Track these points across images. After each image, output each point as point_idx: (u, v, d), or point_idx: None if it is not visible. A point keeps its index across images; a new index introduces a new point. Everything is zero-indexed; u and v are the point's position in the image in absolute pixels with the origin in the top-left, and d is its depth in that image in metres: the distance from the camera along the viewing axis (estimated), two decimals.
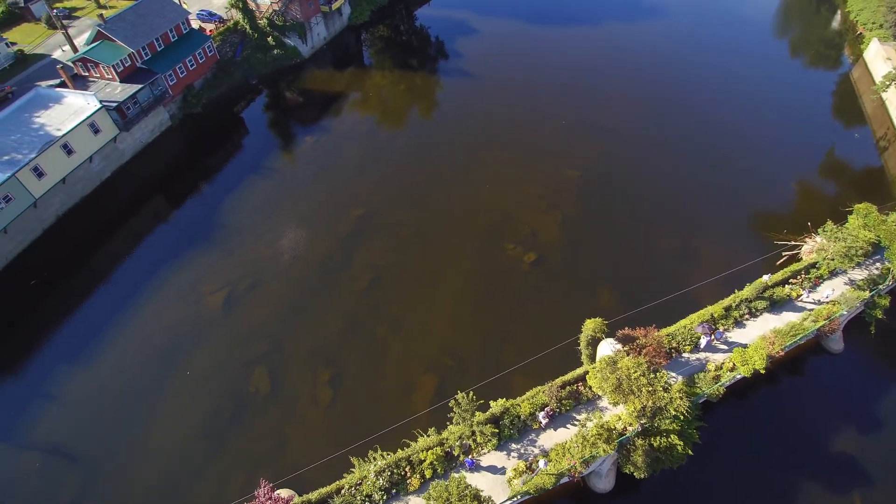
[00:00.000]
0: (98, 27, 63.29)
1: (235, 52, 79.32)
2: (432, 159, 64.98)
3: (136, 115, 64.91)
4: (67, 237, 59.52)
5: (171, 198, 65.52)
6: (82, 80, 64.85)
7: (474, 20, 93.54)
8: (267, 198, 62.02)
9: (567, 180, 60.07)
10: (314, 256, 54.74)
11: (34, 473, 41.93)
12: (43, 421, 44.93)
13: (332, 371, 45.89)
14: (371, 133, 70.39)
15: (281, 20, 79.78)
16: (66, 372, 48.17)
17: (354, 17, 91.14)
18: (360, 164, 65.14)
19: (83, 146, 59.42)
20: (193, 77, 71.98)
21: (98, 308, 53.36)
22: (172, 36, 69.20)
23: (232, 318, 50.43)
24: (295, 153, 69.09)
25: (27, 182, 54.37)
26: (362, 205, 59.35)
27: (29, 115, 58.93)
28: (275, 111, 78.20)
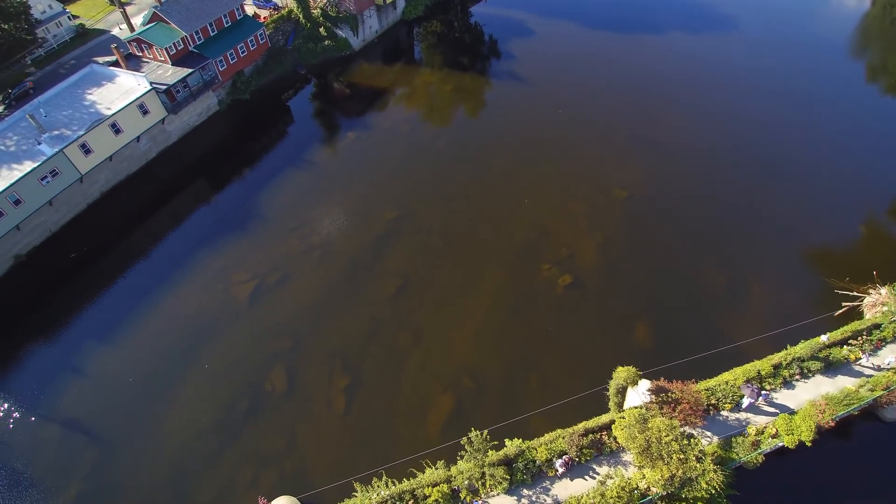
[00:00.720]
0: (154, 8, 64.07)
1: (287, 41, 79.21)
2: (473, 165, 62.99)
3: (185, 98, 65.57)
4: (110, 213, 60.98)
5: (212, 181, 66.26)
6: (136, 61, 65.95)
7: (531, 21, 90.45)
8: (303, 191, 61.65)
9: (613, 200, 56.97)
10: (344, 256, 53.92)
11: (52, 446, 42.89)
12: (67, 394, 45.96)
13: (350, 377, 44.98)
14: (413, 132, 68.95)
15: (334, 11, 79.10)
16: (94, 347, 49.16)
17: (408, 12, 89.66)
18: (399, 164, 63.87)
19: (131, 126, 60.40)
20: (244, 64, 72.22)
21: (131, 286, 54.31)
22: (226, 21, 69.47)
23: (257, 311, 50.26)
24: (336, 147, 68.44)
25: (74, 158, 55.61)
26: (397, 207, 58.09)
27: (82, 92, 60.32)
28: (321, 102, 77.87)
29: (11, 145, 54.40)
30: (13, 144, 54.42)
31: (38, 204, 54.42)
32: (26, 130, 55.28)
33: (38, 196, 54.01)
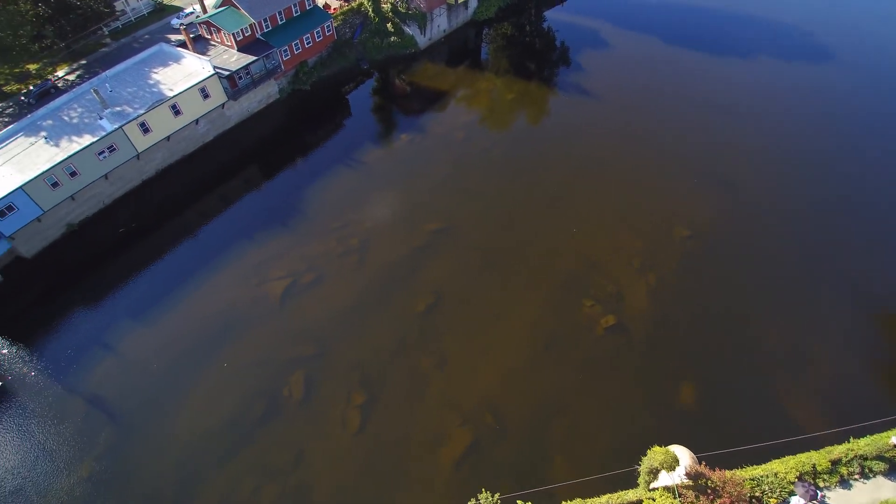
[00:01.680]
0: None
1: (354, 35, 78.37)
2: (525, 181, 59.76)
3: (247, 85, 65.80)
4: (162, 192, 62.10)
5: (264, 169, 66.42)
6: (203, 43, 66.70)
7: (607, 31, 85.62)
8: (349, 190, 60.45)
9: (673, 239, 52.35)
10: (380, 264, 52.23)
11: (74, 419, 43.59)
12: (95, 368, 46.70)
13: (367, 394, 43.25)
14: (467, 141, 66.31)
15: (404, 7, 77.45)
16: (127, 326, 49.86)
17: (480, 13, 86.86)
18: (448, 173, 61.51)
19: (191, 108, 61.06)
20: (308, 54, 71.85)
21: (171, 268, 54.92)
22: (295, 11, 69.14)
23: (287, 311, 49.44)
24: (387, 149, 66.84)
25: (133, 135, 56.66)
26: (440, 219, 55.82)
27: (148, 70, 61.45)
28: (380, 98, 76.69)
29: (75, 117, 56.00)
30: (76, 116, 55.99)
31: (94, 177, 55.83)
32: (90, 104, 56.79)
33: (95, 169, 55.38)
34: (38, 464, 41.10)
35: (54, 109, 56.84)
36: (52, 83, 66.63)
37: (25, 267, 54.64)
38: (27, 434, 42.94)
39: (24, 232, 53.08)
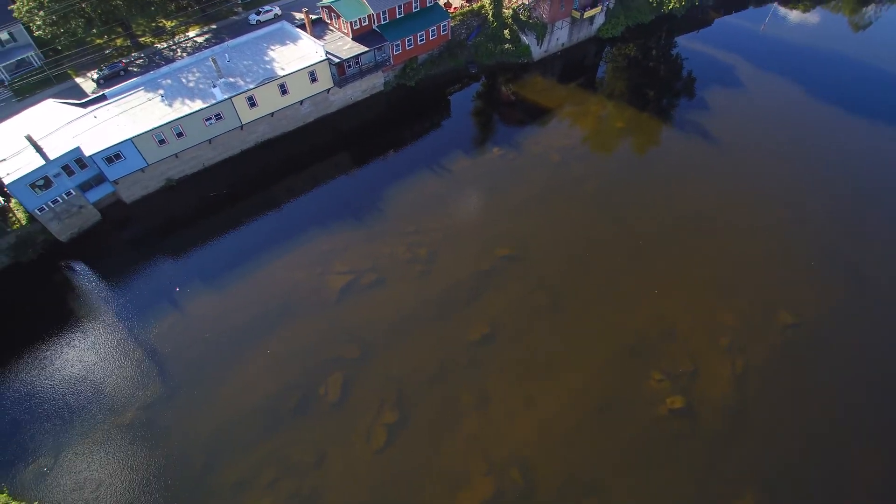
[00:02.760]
0: None
1: (469, 36, 76.65)
2: (614, 222, 55.14)
3: (354, 74, 66.35)
4: (258, 163, 64.20)
5: (355, 157, 66.77)
6: (322, 27, 68.01)
7: (743, 70, 77.31)
8: (429, 195, 59.07)
9: (774, 323, 45.72)
10: (442, 280, 50.43)
11: (130, 365, 46.10)
12: (160, 322, 49.12)
13: (399, 413, 41.82)
14: (562, 165, 62.44)
15: (525, 15, 74.47)
16: (197, 287, 52.00)
17: (605, 30, 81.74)
18: (534, 197, 58.15)
19: (298, 90, 62.51)
20: (420, 51, 71.16)
21: (248, 239, 56.58)
22: (415, 6, 68.49)
23: (341, 308, 49.17)
24: (477, 160, 64.45)
25: (240, 107, 58.91)
26: (513, 245, 52.92)
27: (266, 46, 63.59)
28: (483, 103, 74.54)
29: (192, 81, 59.18)
30: (193, 81, 59.13)
31: (198, 140, 58.81)
32: (208, 70, 59.70)
33: (200, 133, 58.28)
34: (90, 398, 43.94)
35: (176, 69, 60.54)
36: (123, 66, 68.28)
37: (123, 211, 58.87)
38: (86, 366, 46.10)
39: (127, 180, 57.10)
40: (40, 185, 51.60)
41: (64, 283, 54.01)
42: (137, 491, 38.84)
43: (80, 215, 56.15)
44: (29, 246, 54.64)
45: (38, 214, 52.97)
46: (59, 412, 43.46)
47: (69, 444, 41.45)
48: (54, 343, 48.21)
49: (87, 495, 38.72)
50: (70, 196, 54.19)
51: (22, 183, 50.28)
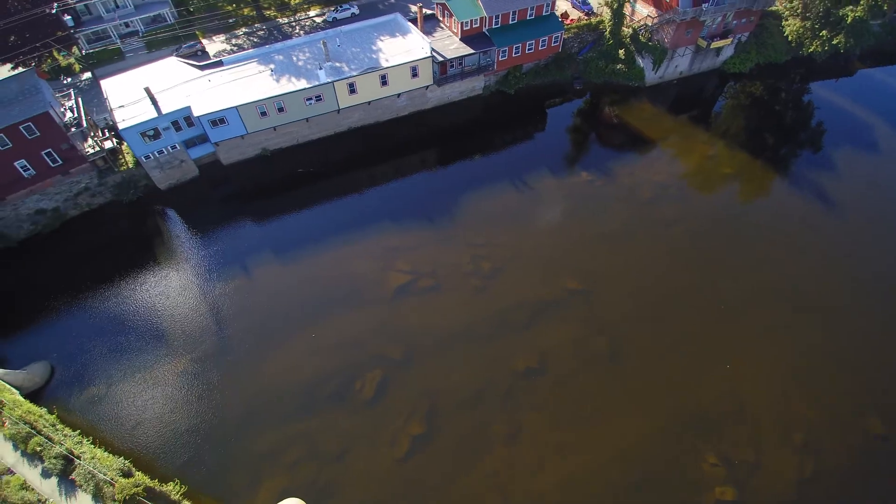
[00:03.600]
0: None
1: (581, 51, 73.54)
2: (698, 277, 50.69)
3: (455, 75, 65.81)
4: (348, 147, 65.69)
5: (440, 157, 66.58)
6: (433, 23, 67.96)
7: (881, 131, 68.22)
8: (505, 210, 57.52)
9: (860, 432, 39.87)
10: (500, 301, 48.91)
11: (197, 313, 49.17)
12: (226, 283, 51.89)
13: (426, 428, 41.18)
14: (653, 203, 58.27)
15: (646, 37, 70.14)
16: (267, 256, 54.29)
17: (732, 64, 75.25)
18: (616, 232, 54.78)
19: (398, 83, 63.07)
20: (526, 60, 69.27)
21: (325, 218, 58.31)
22: (530, 14, 66.54)
23: (394, 306, 49.21)
24: (562, 181, 61.70)
25: (340, 92, 60.38)
26: (582, 279, 50.22)
27: (376, 35, 64.54)
28: (582, 122, 71.45)
29: (301, 60, 61.33)
30: (303, 60, 61.26)
31: (297, 118, 61.06)
32: (317, 52, 61.57)
33: (299, 111, 60.45)
34: (152, 338, 47.41)
35: (289, 47, 63.06)
36: (201, 47, 71.32)
37: (219, 171, 62.54)
38: (156, 308, 49.78)
39: (227, 144, 60.51)
40: (150, 135, 55.84)
41: (154, 227, 58.64)
42: (170, 438, 41.31)
43: (180, 168, 60.33)
44: (131, 187, 59.56)
45: (143, 161, 57.47)
46: (123, 345, 47.30)
47: (124, 378, 44.97)
48: (133, 280, 52.68)
49: (126, 430, 41.74)
50: (174, 150, 58.30)
51: (134, 130, 54.65)
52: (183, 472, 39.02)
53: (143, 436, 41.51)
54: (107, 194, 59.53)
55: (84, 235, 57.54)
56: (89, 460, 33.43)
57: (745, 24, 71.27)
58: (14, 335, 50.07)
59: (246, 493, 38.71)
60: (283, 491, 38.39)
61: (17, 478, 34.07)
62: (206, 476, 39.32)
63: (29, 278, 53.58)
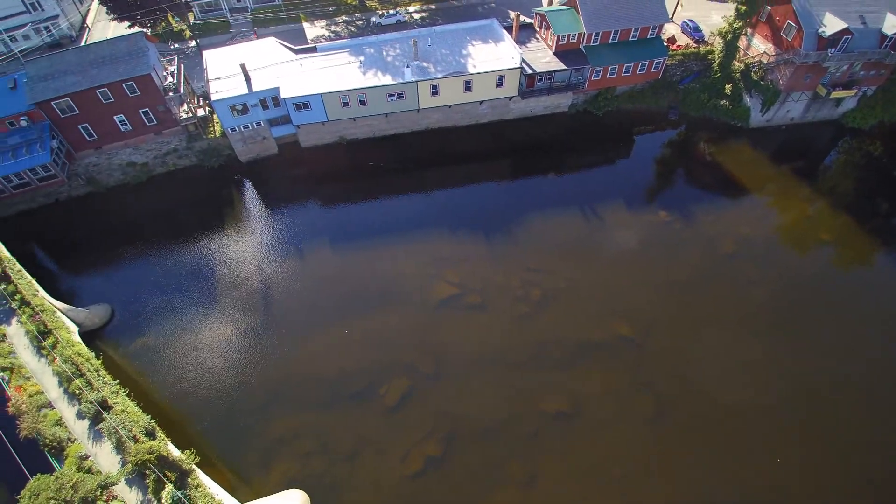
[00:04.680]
0: None
1: (683, 80, 68.69)
2: (768, 353, 45.54)
3: (542, 90, 63.56)
4: (422, 147, 65.35)
5: (512, 170, 64.83)
6: (528, 32, 65.97)
7: None
8: (569, 238, 54.68)
9: None
10: (542, 333, 46.50)
11: (247, 287, 50.74)
12: (282, 262, 53.25)
13: (442, 451, 39.86)
14: (734, 258, 53.05)
15: (758, 75, 64.16)
16: (323, 242, 55.44)
17: (852, 118, 67.25)
18: (684, 283, 50.40)
19: (482, 90, 61.83)
20: (620, 83, 65.64)
21: (386, 214, 58.49)
22: (633, 35, 62.83)
23: (435, 318, 48.23)
24: (637, 217, 57.42)
25: (422, 92, 60.04)
26: (636, 327, 46.65)
27: (469, 39, 63.47)
28: (672, 155, 66.77)
29: (391, 55, 61.48)
30: (392, 56, 61.38)
31: (377, 112, 61.44)
32: (407, 49, 61.45)
33: (380, 106, 60.76)
34: (204, 300, 49.64)
35: (381, 42, 63.44)
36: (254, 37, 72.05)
37: (296, 152, 64.37)
38: (213, 272, 52.21)
39: (308, 128, 62.05)
40: (239, 109, 58.20)
41: (229, 196, 61.68)
42: (198, 403, 42.94)
43: (261, 144, 62.61)
44: (214, 155, 62.54)
45: (229, 133, 60.10)
46: (177, 303, 49.84)
47: (171, 336, 47.28)
48: (199, 242, 55.75)
49: (161, 385, 43.90)
50: (259, 126, 60.53)
51: (225, 103, 57.14)
52: (200, 439, 40.33)
53: (174, 395, 43.39)
54: (192, 158, 62.91)
55: (166, 192, 61.22)
56: (119, 413, 35.00)
57: (873, 77, 63.36)
58: (85, 274, 54.35)
59: (255, 474, 39.29)
60: (290, 479, 38.63)
61: (55, 413, 36.37)
62: (221, 448, 40.38)
63: (108, 224, 57.77)
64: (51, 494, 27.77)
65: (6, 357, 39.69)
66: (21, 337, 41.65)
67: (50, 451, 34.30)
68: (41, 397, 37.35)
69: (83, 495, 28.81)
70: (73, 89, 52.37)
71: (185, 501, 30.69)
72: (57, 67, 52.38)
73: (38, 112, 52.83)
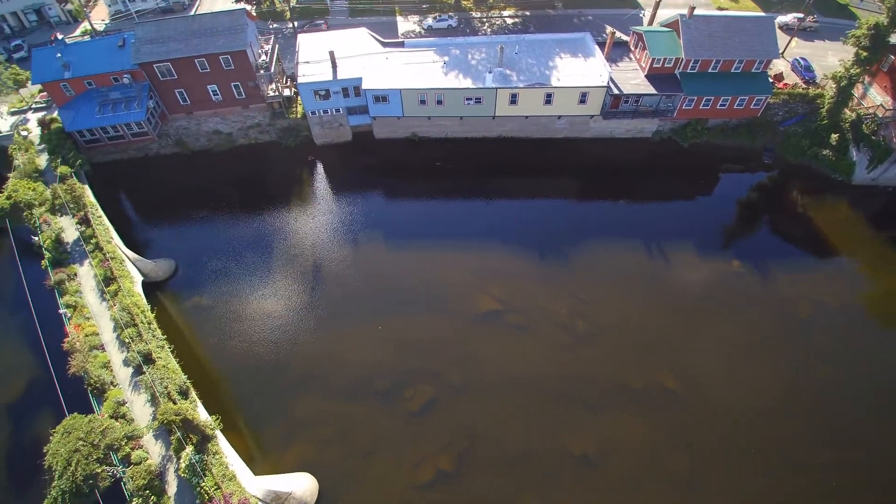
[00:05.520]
0: (681, 18, 57.77)
1: (784, 122, 63.31)
2: (835, 437, 41.05)
3: (626, 112, 60.67)
4: (492, 154, 64.33)
5: (581, 191, 62.30)
6: (622, 50, 63.12)
7: None
8: (625, 271, 51.88)
9: None
10: (580, 368, 44.51)
11: (301, 263, 52.41)
12: (338, 249, 54.34)
13: (455, 468, 39.07)
14: (807, 326, 48.12)
15: (870, 129, 57.86)
16: (377, 234, 56.00)
17: None
18: (745, 343, 46.34)
19: (562, 105, 59.96)
20: (713, 115, 61.51)
21: (442, 217, 58.39)
22: (737, 66, 58.47)
23: (472, 330, 47.38)
24: (707, 261, 53.29)
25: (500, 100, 59.17)
26: (683, 381, 43.51)
27: (557, 51, 61.62)
28: (758, 200, 61.12)
29: (475, 58, 60.87)
30: (476, 59, 60.73)
31: (452, 114, 61.25)
32: (493, 55, 60.53)
33: (456, 108, 60.46)
34: (259, 272, 51.68)
35: (468, 44, 62.98)
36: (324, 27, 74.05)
37: (369, 142, 65.56)
38: (270, 245, 54.37)
39: (383, 120, 62.94)
40: (322, 94, 59.84)
41: (300, 175, 64.05)
42: (235, 370, 44.72)
43: (337, 130, 64.18)
44: (293, 135, 64.76)
45: (310, 116, 62.02)
46: (235, 270, 52.11)
47: (224, 300, 49.61)
48: (266, 214, 58.28)
49: (204, 345, 46.05)
50: (337, 113, 62.06)
51: (309, 87, 58.91)
52: (231, 404, 41.99)
53: (215, 356, 45.57)
54: (272, 134, 65.51)
55: (244, 163, 64.31)
56: (160, 368, 36.87)
57: None
58: (159, 227, 58.28)
59: (274, 449, 40.38)
60: (304, 462, 39.34)
61: (104, 356, 38.94)
62: (248, 417, 41.91)
63: (187, 184, 61.44)
64: (81, 435, 29.60)
65: (73, 295, 42.96)
66: (90, 279, 44.99)
67: (92, 392, 36.73)
68: (95, 339, 40.12)
69: (109, 442, 30.51)
70: (175, 55, 55.81)
71: (199, 466, 31.75)
72: (163, 33, 56.02)
73: (140, 72, 56.77)
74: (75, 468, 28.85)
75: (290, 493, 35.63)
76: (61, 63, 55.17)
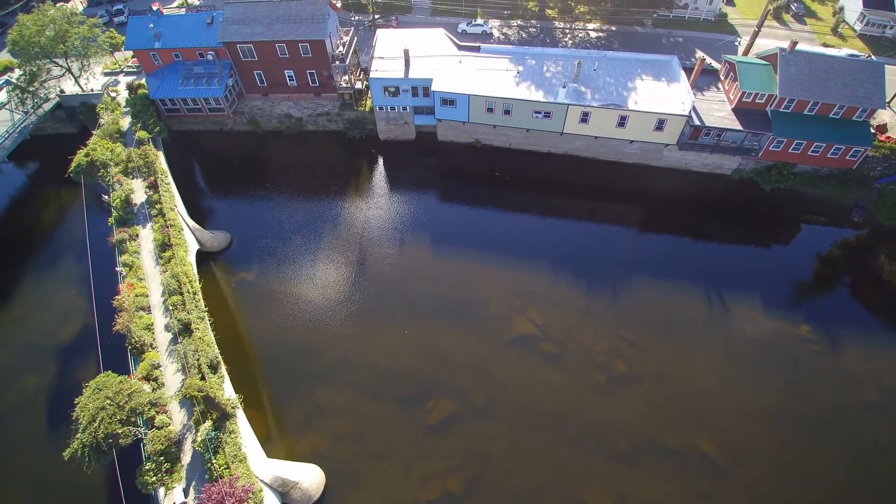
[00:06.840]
0: (780, 52, 53.28)
1: (882, 178, 57.25)
2: None
3: (706, 145, 56.83)
4: (554, 170, 62.20)
5: (645, 222, 58.01)
6: (710, 79, 59.23)
7: None
8: (678, 317, 48.48)
9: None
10: (614, 411, 42.05)
11: (346, 255, 52.95)
12: (387, 244, 54.58)
13: (464, 491, 37.98)
14: (871, 410, 42.96)
15: None
16: (425, 237, 55.64)
17: None
18: (801, 415, 42.17)
19: (636, 130, 57.06)
20: (802, 161, 56.49)
21: (493, 230, 56.84)
22: (836, 112, 53.37)
23: (503, 352, 45.90)
24: (771, 319, 48.80)
25: (570, 117, 57.06)
26: (721, 447, 40.10)
27: (639, 72, 58.62)
28: (841, 259, 55.77)
29: (550, 70, 58.98)
30: (552, 71, 58.82)
31: (519, 125, 59.75)
32: (569, 69, 58.37)
33: (524, 120, 58.89)
34: (307, 256, 52.55)
35: (544, 55, 61.13)
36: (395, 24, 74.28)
37: (432, 143, 65.31)
38: (320, 232, 55.37)
39: (448, 123, 62.42)
40: (391, 90, 60.03)
41: (360, 167, 64.96)
42: (266, 349, 45.81)
43: (402, 128, 64.28)
44: (358, 127, 65.49)
45: (377, 111, 62.45)
46: (285, 252, 53.30)
47: (269, 280, 50.88)
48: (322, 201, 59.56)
49: (243, 322, 47.31)
50: (404, 111, 62.12)
51: (380, 83, 59.23)
52: (257, 382, 42.98)
53: (251, 332, 46.71)
54: (339, 124, 66.53)
55: (310, 149, 66.01)
56: (195, 340, 38.01)
57: None
58: (222, 200, 60.69)
59: (290, 435, 40.96)
60: (315, 454, 39.64)
61: (149, 318, 40.68)
62: (271, 397, 42.69)
63: (255, 162, 63.76)
64: (109, 394, 30.88)
65: (131, 255, 45.23)
66: (149, 242, 47.23)
67: (132, 351, 38.40)
68: (144, 300, 41.99)
69: (134, 406, 31.65)
70: (257, 38, 57.60)
71: (213, 443, 32.36)
72: (249, 15, 57.95)
73: (224, 50, 59.08)
74: (98, 425, 30.11)
75: (297, 483, 35.77)
76: (153, 33, 58.32)
